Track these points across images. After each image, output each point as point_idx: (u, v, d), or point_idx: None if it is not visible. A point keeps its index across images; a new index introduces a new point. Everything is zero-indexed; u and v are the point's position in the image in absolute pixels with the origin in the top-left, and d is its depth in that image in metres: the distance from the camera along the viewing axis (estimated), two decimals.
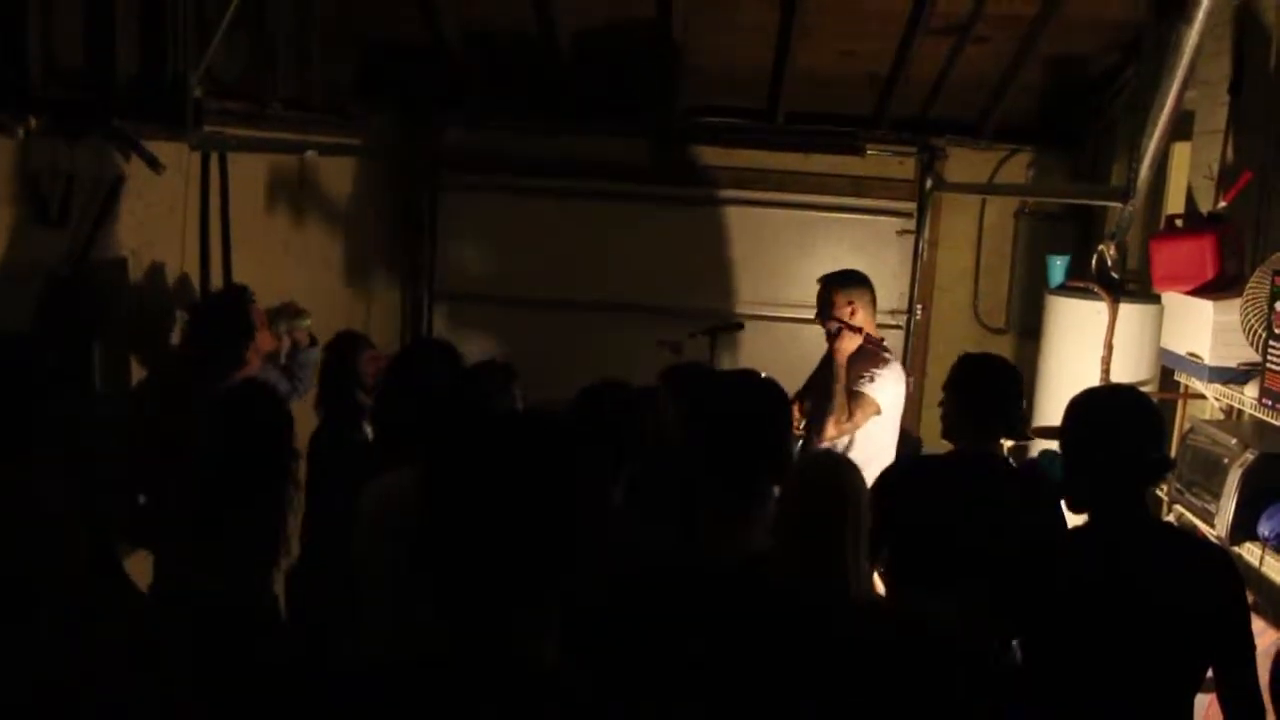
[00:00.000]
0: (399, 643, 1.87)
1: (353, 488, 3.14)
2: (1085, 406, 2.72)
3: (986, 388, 3.41)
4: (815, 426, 4.29)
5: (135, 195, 3.67)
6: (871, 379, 4.21)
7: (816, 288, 4.41)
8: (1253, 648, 2.56)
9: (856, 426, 4.19)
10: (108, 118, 3.41)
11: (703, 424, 2.21)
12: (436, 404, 3.10)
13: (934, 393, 6.55)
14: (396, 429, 3.30)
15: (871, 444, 4.19)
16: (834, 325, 4.24)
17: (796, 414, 4.13)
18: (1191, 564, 2.57)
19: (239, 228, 4.43)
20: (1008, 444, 4.05)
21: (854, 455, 3.90)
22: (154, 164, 3.58)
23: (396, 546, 2.58)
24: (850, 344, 4.14)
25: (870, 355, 4.27)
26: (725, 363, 5.59)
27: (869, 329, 4.30)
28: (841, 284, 4.36)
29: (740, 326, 5.70)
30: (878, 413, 4.18)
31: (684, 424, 2.31)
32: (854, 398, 4.18)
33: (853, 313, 4.26)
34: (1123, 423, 2.61)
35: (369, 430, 4.13)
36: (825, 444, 4.17)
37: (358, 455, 4.13)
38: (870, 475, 4.12)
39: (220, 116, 4.14)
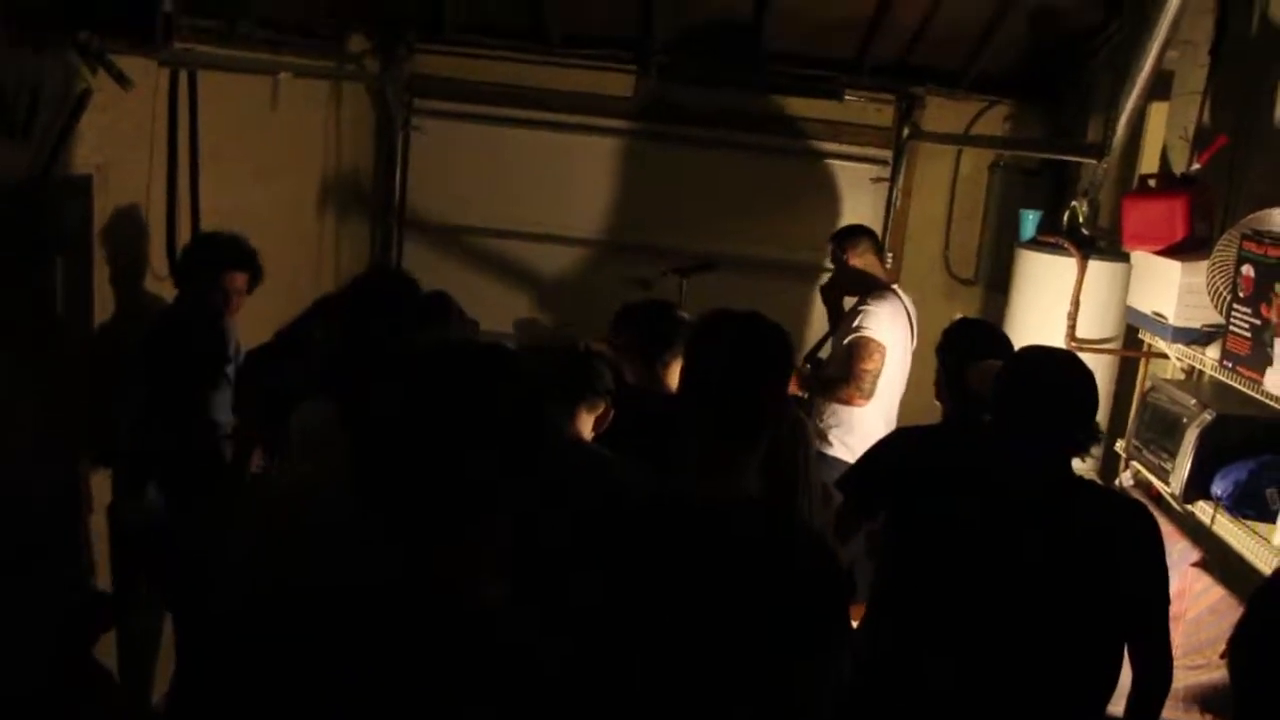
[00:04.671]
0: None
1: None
2: (1027, 374, 2.74)
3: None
4: (825, 386, 4.59)
5: (101, 111, 3.59)
6: (865, 324, 4.47)
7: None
8: (1166, 603, 2.64)
9: (877, 371, 4.43)
10: (75, 30, 3.33)
11: (702, 364, 2.18)
12: (369, 341, 3.05)
13: None
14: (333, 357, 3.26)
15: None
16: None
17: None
18: (1110, 519, 2.64)
19: (208, 148, 4.35)
20: None
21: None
22: (122, 80, 3.51)
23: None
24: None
25: (863, 298, 4.59)
26: (694, 303, 5.59)
27: (876, 271, 4.73)
28: (833, 238, 4.86)
29: (711, 267, 5.70)
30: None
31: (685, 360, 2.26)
32: (855, 348, 4.37)
33: (847, 258, 4.71)
34: (1060, 398, 2.63)
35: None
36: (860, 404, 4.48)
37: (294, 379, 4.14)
38: (880, 408, 4.48)
39: (192, 33, 4.05)
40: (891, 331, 4.51)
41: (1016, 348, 3.19)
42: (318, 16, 5.46)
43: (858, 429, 4.43)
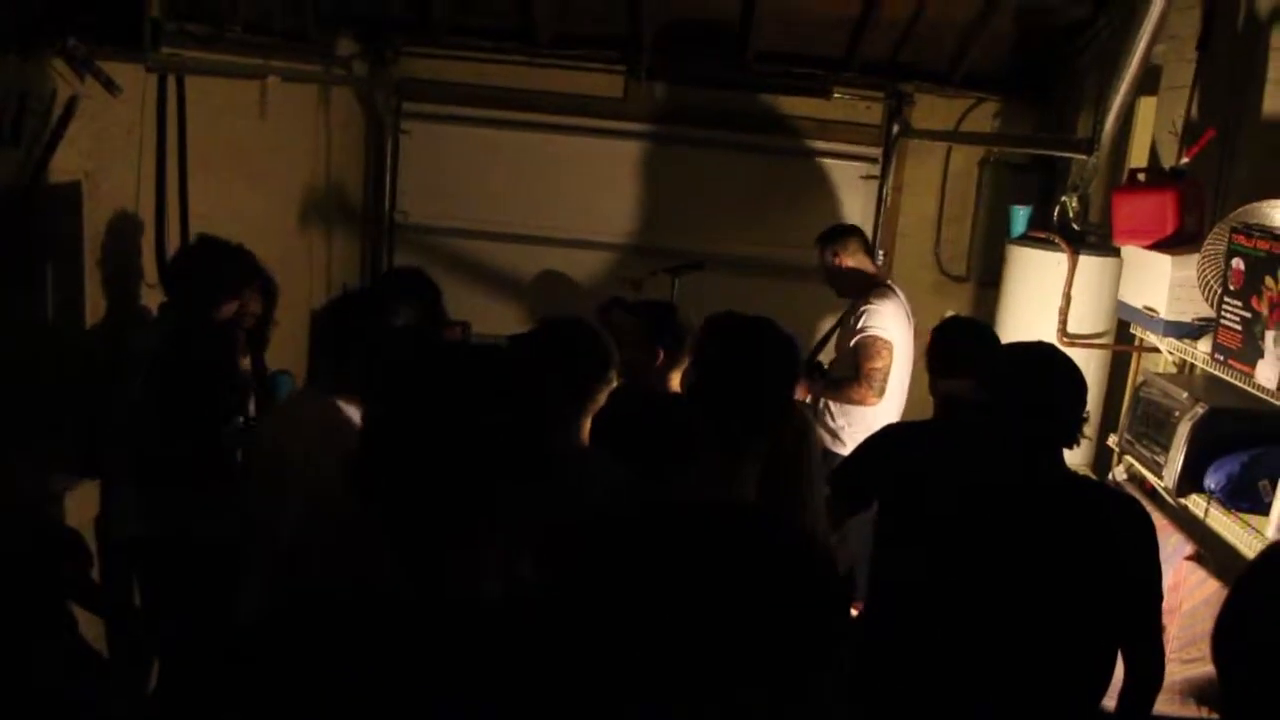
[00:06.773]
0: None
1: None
2: (1010, 372, 2.73)
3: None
4: (836, 387, 4.62)
5: (90, 117, 3.58)
6: (870, 323, 4.52)
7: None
8: (1159, 598, 2.64)
9: (887, 369, 4.49)
10: (62, 36, 3.32)
11: (709, 369, 2.16)
12: (385, 341, 3.04)
13: None
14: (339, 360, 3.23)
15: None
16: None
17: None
18: (1103, 515, 2.64)
19: (196, 154, 4.34)
20: None
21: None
22: (110, 85, 3.50)
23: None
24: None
25: (863, 296, 4.64)
26: (685, 303, 5.59)
27: (869, 269, 4.83)
28: (820, 240, 4.91)
29: (701, 266, 5.69)
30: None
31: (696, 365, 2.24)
32: (863, 348, 4.38)
33: (839, 261, 4.79)
34: (1054, 387, 2.62)
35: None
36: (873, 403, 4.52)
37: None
38: (891, 405, 4.53)
39: (179, 38, 4.04)
40: (897, 328, 4.56)
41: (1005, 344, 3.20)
42: (305, 20, 5.45)
43: (871, 426, 4.43)
